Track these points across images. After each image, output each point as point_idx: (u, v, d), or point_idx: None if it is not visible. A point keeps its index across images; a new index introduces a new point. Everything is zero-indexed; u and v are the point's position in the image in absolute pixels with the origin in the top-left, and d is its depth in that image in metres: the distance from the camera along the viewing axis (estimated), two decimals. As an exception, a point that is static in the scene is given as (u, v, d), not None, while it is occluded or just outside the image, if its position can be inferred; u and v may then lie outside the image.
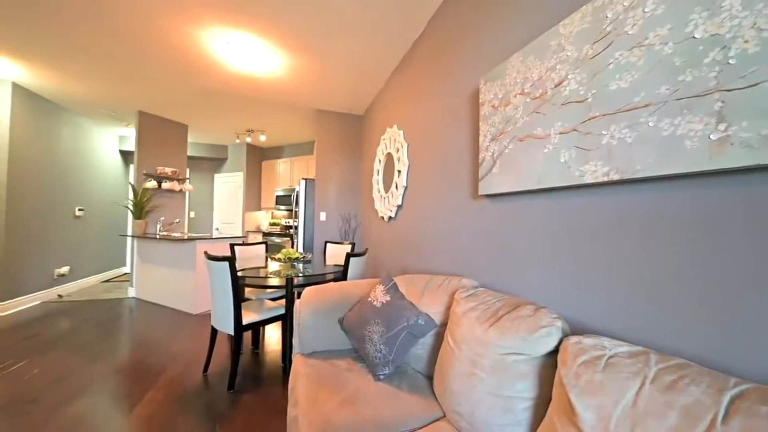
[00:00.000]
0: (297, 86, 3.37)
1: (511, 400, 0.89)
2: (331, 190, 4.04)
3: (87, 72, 3.16)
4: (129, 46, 2.64)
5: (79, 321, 3.21)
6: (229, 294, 1.98)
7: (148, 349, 2.56)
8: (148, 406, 1.78)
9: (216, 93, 3.64)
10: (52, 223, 4.00)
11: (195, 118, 4.62)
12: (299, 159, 5.65)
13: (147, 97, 3.83)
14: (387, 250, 2.95)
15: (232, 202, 6.26)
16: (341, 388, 1.21)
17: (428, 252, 2.12)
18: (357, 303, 1.61)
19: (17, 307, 3.49)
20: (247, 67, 2.95)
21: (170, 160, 4.61)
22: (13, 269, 3.43)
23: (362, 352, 1.41)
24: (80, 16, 2.26)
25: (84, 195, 4.63)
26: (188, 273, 3.53)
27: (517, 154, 1.18)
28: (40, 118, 3.77)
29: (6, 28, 2.41)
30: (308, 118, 4.41)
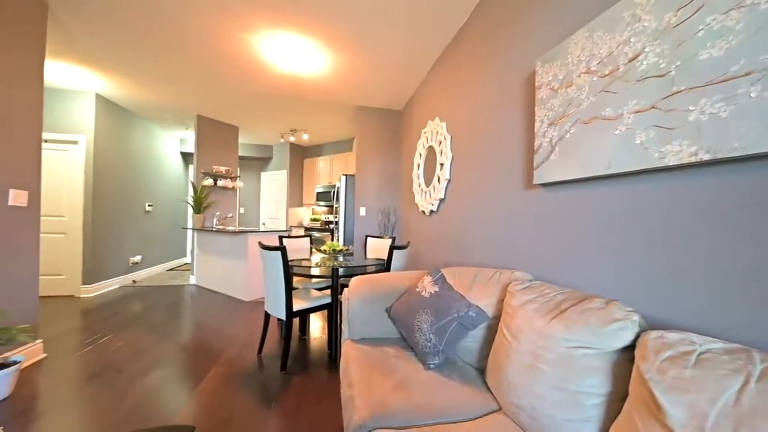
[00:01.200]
0: (339, 84, 3.46)
1: (579, 395, 0.85)
2: (370, 186, 4.11)
3: (155, 80, 3.54)
4: (191, 55, 2.91)
5: (150, 304, 3.62)
6: (281, 281, 2.10)
7: (208, 330, 2.82)
8: (212, 381, 1.96)
9: (264, 95, 3.87)
10: (127, 218, 4.56)
11: (245, 120, 4.96)
12: (339, 156, 5.82)
13: (204, 102, 4.20)
14: (427, 243, 2.93)
15: (276, 198, 6.63)
16: (392, 373, 1.23)
17: (472, 245, 2.08)
18: (404, 293, 1.63)
19: (101, 289, 4.03)
20: (293, 68, 3.10)
21: (224, 160, 5.00)
22: (97, 257, 3.96)
23: (411, 341, 1.43)
24: (151, 31, 2.53)
25: (152, 192, 5.20)
26: (241, 263, 3.82)
27: (580, 139, 1.11)
28: (117, 124, 4.30)
29: (92, 45, 2.78)
30: (348, 116, 4.51)
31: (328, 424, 1.57)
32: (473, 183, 2.08)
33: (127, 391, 1.82)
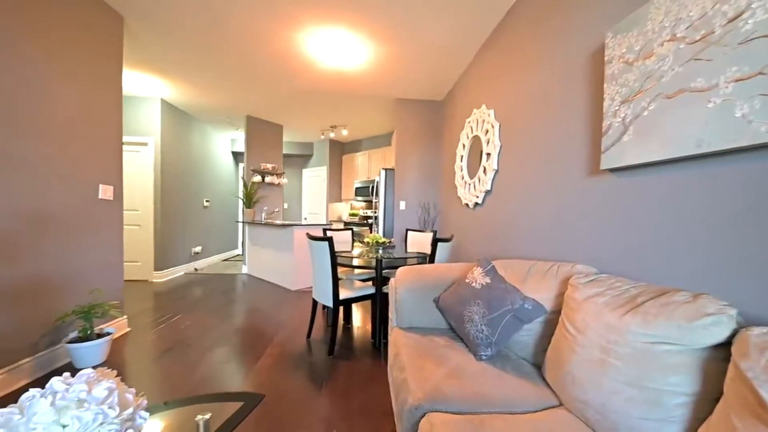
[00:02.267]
0: (380, 77, 3.48)
1: (659, 394, 0.78)
2: (410, 180, 4.10)
3: (211, 84, 3.84)
4: (243, 57, 3.11)
5: (210, 289, 3.99)
6: (328, 271, 2.19)
7: (261, 315, 3.03)
8: (268, 360, 2.12)
9: (307, 92, 4.02)
10: (189, 212, 5.04)
11: (288, 118, 5.20)
12: (377, 151, 5.87)
13: (253, 103, 4.47)
14: (471, 237, 2.85)
15: (317, 194, 6.90)
16: (444, 361, 1.23)
17: (522, 238, 1.98)
18: (452, 284, 1.61)
19: (169, 276, 4.51)
20: (336, 63, 3.17)
21: (270, 157, 5.30)
22: (166, 247, 4.44)
23: (461, 332, 1.41)
24: (210, 37, 2.75)
25: (208, 189, 5.69)
26: (287, 254, 4.04)
27: (662, 115, 1.00)
28: (179, 126, 4.75)
29: (159, 53, 3.08)
30: (387, 109, 4.53)
31: (376, 406, 1.62)
32: (524, 173, 1.98)
33: (197, 364, 2.04)
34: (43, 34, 1.83)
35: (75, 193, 2.07)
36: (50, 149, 1.89)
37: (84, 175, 2.13)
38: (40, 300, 1.84)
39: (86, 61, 2.13)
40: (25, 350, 1.76)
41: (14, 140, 1.69)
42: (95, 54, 2.20)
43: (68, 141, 2.01)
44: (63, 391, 0.54)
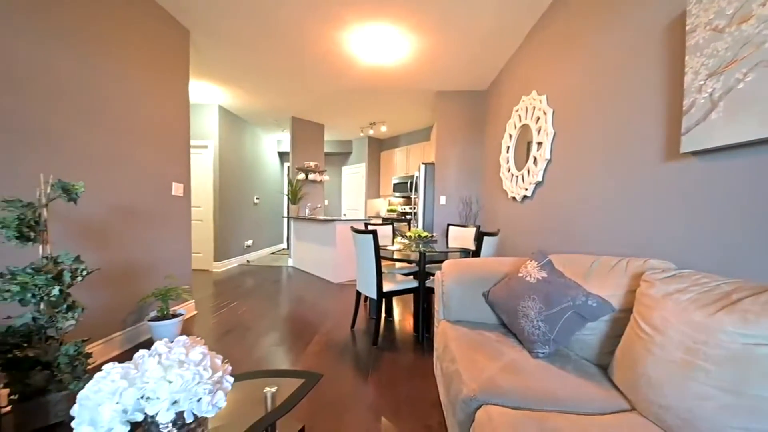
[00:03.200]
0: (420, 70, 3.44)
1: (763, 402, 0.68)
2: (450, 174, 4.01)
3: (261, 88, 4.10)
4: (291, 61, 3.27)
5: (261, 280, 4.28)
6: (372, 263, 2.23)
7: (307, 305, 3.19)
8: (316, 346, 2.22)
9: (348, 91, 4.12)
10: (242, 208, 5.45)
11: (329, 117, 5.37)
12: (415, 146, 5.83)
13: (298, 104, 4.69)
14: (519, 231, 2.72)
15: (356, 190, 7.05)
16: (497, 356, 1.19)
17: (579, 232, 1.84)
18: (503, 278, 1.55)
19: (226, 266, 4.93)
20: (377, 60, 3.20)
21: (312, 156, 5.53)
22: (223, 240, 4.85)
23: (514, 328, 1.35)
24: (260, 43, 2.93)
25: (258, 187, 6.10)
26: (330, 248, 4.19)
27: (762, 87, 0.86)
28: (233, 130, 5.14)
29: (218, 62, 3.36)
30: (427, 103, 4.47)
31: (421, 397, 1.62)
32: (581, 162, 1.83)
33: (254, 345, 2.21)
34: (126, 52, 2.09)
35: (153, 190, 2.35)
36: (135, 151, 2.16)
37: (160, 174, 2.41)
38: (127, 282, 2.12)
39: (160, 73, 2.39)
40: (116, 326, 2.05)
41: (111, 144, 1.97)
42: (167, 66, 2.47)
43: (148, 144, 2.28)
44: (166, 353, 0.62)
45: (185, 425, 0.62)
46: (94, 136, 1.87)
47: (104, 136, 1.93)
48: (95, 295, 1.86)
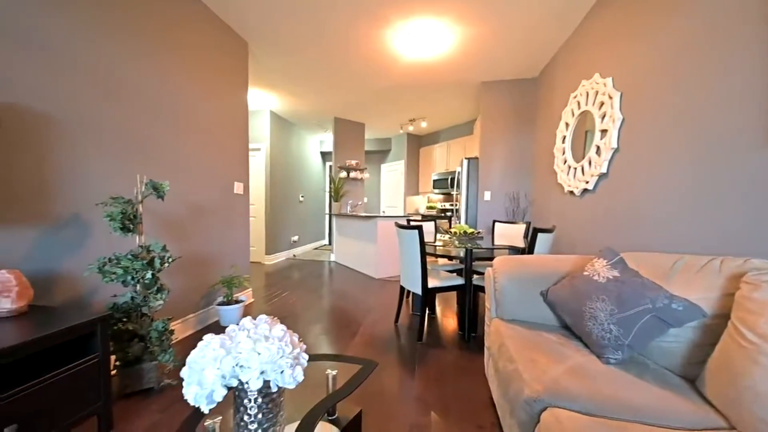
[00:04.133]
0: (464, 61, 3.34)
1: None
2: (496, 168, 3.84)
3: (307, 92, 4.29)
4: (335, 63, 3.37)
5: (306, 273, 4.51)
6: (417, 259, 2.23)
7: (351, 299, 3.29)
8: (362, 338, 2.28)
9: (389, 89, 4.14)
10: (289, 206, 5.78)
11: (370, 116, 5.45)
12: (456, 141, 5.68)
13: (341, 105, 4.83)
14: (577, 228, 2.52)
15: (394, 188, 7.08)
16: (561, 358, 1.12)
17: (653, 228, 1.65)
18: (565, 277, 1.45)
19: (275, 260, 5.27)
20: (419, 55, 3.17)
21: (353, 154, 5.67)
22: (272, 235, 5.19)
23: (578, 329, 1.26)
24: (308, 49, 3.06)
25: (303, 186, 6.42)
26: (371, 245, 4.27)
27: None
28: (282, 132, 5.46)
29: (271, 70, 3.58)
30: (470, 95, 4.33)
31: (471, 396, 1.59)
32: (656, 150, 1.64)
33: (306, 334, 2.33)
34: (196, 67, 2.32)
35: (219, 189, 2.59)
36: (204, 154, 2.40)
37: (224, 174, 2.65)
38: (199, 270, 2.37)
39: (224, 84, 2.63)
40: (191, 308, 2.30)
41: (185, 149, 2.21)
42: (230, 77, 2.70)
43: (214, 147, 2.52)
44: (253, 328, 0.69)
45: (268, 394, 0.68)
46: (172, 142, 2.12)
47: (179, 141, 2.18)
48: (175, 280, 2.10)
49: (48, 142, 1.44)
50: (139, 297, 1.51)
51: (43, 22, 1.41)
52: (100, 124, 1.65)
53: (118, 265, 1.42)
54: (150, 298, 1.52)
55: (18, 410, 1.00)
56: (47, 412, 1.08)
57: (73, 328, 1.16)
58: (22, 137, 1.34)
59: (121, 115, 1.77)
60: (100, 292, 1.63)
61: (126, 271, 1.43)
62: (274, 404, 0.69)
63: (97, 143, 1.64)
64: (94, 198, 1.59)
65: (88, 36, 1.59)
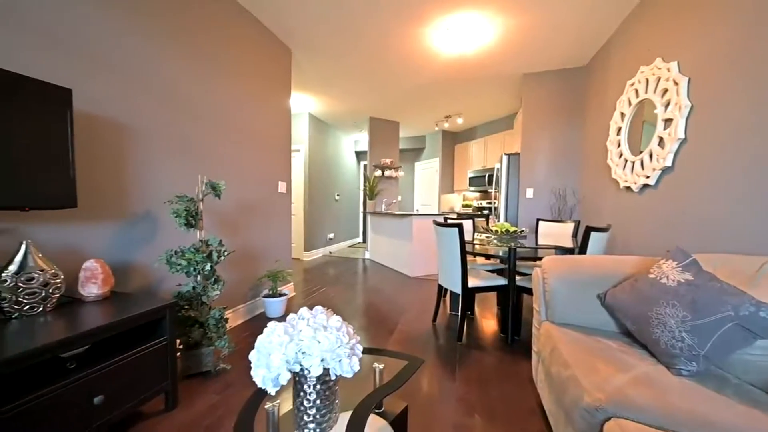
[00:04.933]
0: (505, 53, 3.20)
1: None
2: (540, 163, 3.64)
3: (344, 93, 4.38)
4: (372, 64, 3.41)
5: (342, 270, 4.62)
6: (457, 257, 2.18)
7: (387, 296, 3.31)
8: (400, 335, 2.29)
9: (424, 86, 4.09)
10: (325, 204, 5.96)
11: (404, 115, 5.44)
12: (493, 137, 5.48)
13: (376, 105, 4.88)
14: (634, 227, 2.31)
15: (429, 186, 7.00)
16: (624, 366, 1.03)
17: (730, 227, 1.46)
18: (626, 279, 1.34)
19: (313, 256, 5.47)
20: (458, 50, 3.09)
21: (388, 153, 5.70)
22: (310, 233, 5.39)
23: (643, 337, 1.16)
24: (347, 52, 3.12)
25: (338, 185, 6.59)
26: (407, 243, 4.27)
27: None
28: (319, 134, 5.64)
29: (312, 74, 3.70)
30: (511, 88, 4.14)
31: (517, 401, 1.53)
32: (733, 140, 1.45)
33: (345, 329, 2.40)
34: (243, 75, 2.48)
35: (265, 188, 2.75)
36: (252, 156, 2.56)
37: (269, 174, 2.81)
38: (247, 264, 2.54)
39: (269, 90, 2.78)
40: (240, 299, 2.47)
41: (235, 151, 2.37)
42: (274, 84, 2.85)
43: (260, 149, 2.68)
44: (312, 318, 0.72)
45: (326, 382, 0.71)
46: (225, 145, 2.28)
47: (231, 145, 2.34)
48: (227, 272, 2.27)
49: (125, 148, 1.62)
50: (199, 287, 1.65)
51: (126, 43, 1.59)
52: (166, 131, 1.83)
53: (183, 257, 1.57)
54: (209, 288, 1.65)
55: (102, 384, 1.14)
56: (125, 387, 1.23)
57: (148, 312, 1.30)
58: (105, 145, 1.53)
59: (183, 123, 1.94)
60: (166, 282, 1.81)
61: (189, 263, 1.57)
62: (330, 392, 0.72)
63: (164, 148, 1.82)
64: (162, 197, 1.77)
65: (158, 56, 1.76)
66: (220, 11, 2.20)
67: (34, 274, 1.17)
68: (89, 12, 1.45)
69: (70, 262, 1.38)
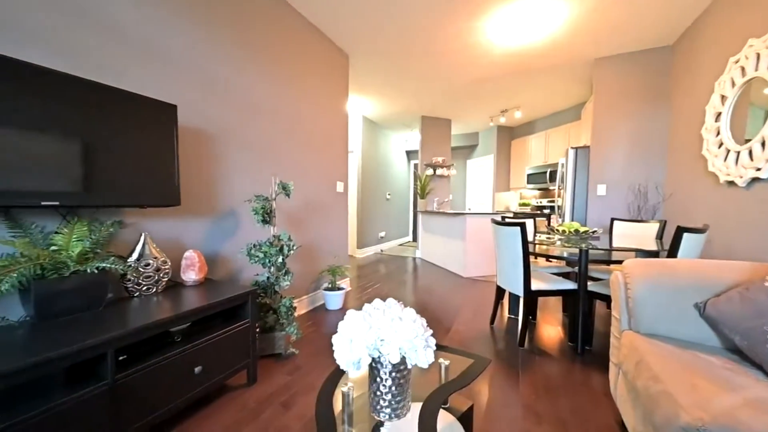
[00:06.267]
0: (573, 39, 2.94)
1: None
2: (615, 156, 3.27)
3: (398, 94, 4.44)
4: (426, 62, 3.39)
5: (395, 267, 4.69)
6: (519, 258, 2.07)
7: (440, 295, 3.28)
8: (457, 335, 2.26)
9: (480, 81, 3.95)
10: (377, 203, 6.11)
11: (457, 111, 5.31)
12: (557, 130, 5.05)
13: (428, 103, 4.85)
14: (738, 228, 1.95)
15: (481, 184, 6.73)
16: (732, 386, 0.89)
17: None
18: (732, 288, 1.15)
19: (365, 254, 5.65)
20: (517, 41, 2.93)
21: (440, 151, 5.63)
22: (363, 231, 5.57)
23: (757, 355, 0.98)
24: (401, 53, 3.16)
25: (389, 184, 6.70)
26: (459, 242, 4.17)
27: None
28: (371, 135, 5.80)
29: (367, 76, 3.83)
30: (578, 76, 3.79)
31: (591, 414, 1.40)
32: None
33: (400, 325, 2.44)
34: (306, 81, 2.67)
35: (325, 187, 2.93)
36: (314, 157, 2.76)
37: (329, 174, 2.99)
38: (310, 258, 2.73)
39: (329, 95, 2.96)
40: (303, 291, 2.67)
41: (300, 153, 2.58)
42: (333, 88, 3.02)
43: (321, 151, 2.86)
44: (387, 308, 0.76)
45: (401, 370, 0.75)
46: (291, 148, 2.49)
47: (296, 147, 2.55)
48: (294, 265, 2.48)
49: (214, 153, 1.87)
50: (272, 277, 1.83)
51: (211, 60, 1.84)
52: (244, 137, 2.07)
53: (260, 250, 1.76)
54: (280, 279, 1.83)
55: (200, 357, 1.33)
56: (217, 361, 1.42)
57: (236, 296, 1.49)
58: (195, 151, 1.79)
59: (257, 129, 2.17)
60: (245, 271, 2.05)
61: (265, 255, 1.76)
62: (405, 380, 0.76)
63: (242, 152, 2.06)
64: (241, 196, 2.01)
65: (239, 70, 2.00)
66: (288, 25, 2.41)
67: (150, 261, 1.42)
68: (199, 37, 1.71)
69: (174, 251, 1.64)
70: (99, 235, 1.20)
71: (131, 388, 1.07)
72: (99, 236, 1.20)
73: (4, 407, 0.84)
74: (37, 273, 1.01)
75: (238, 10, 1.99)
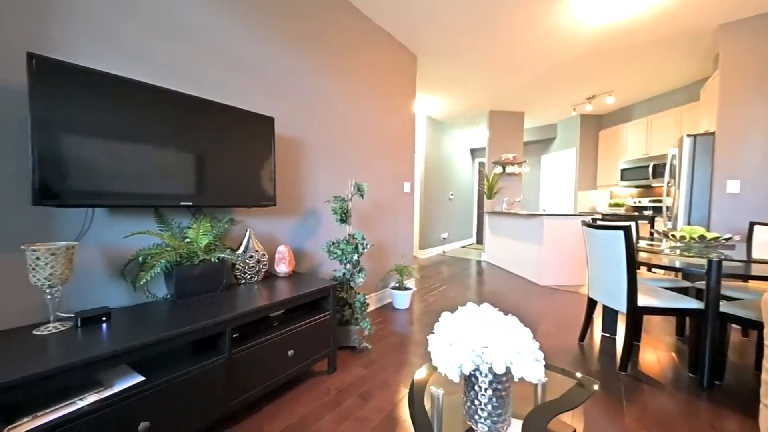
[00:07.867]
0: (688, 4, 2.41)
1: None
2: (751, 145, 2.59)
3: (464, 90, 4.26)
4: (496, 53, 3.17)
5: (459, 270, 4.51)
6: (621, 268, 1.78)
7: (514, 303, 3.02)
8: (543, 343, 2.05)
9: (558, 68, 3.53)
10: (440, 204, 5.97)
11: (531, 103, 4.86)
12: (662, 115, 4.23)
13: (497, 97, 4.54)
14: None
15: (559, 182, 6.04)
16: None
17: None
18: None
19: (428, 254, 5.57)
20: (613, 17, 2.53)
21: (510, 147, 5.23)
22: (425, 232, 5.50)
23: None
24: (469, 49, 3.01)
25: (452, 184, 6.49)
26: (534, 246, 3.80)
27: None
28: (435, 134, 5.69)
29: (433, 74, 3.76)
30: (694, 49, 3.11)
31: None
32: None
33: (472, 331, 2.33)
34: (375, 84, 2.73)
35: (393, 188, 2.97)
36: (382, 158, 2.81)
37: (397, 174, 3.02)
38: (379, 257, 2.80)
39: (396, 96, 2.98)
40: (372, 288, 2.74)
41: (369, 155, 2.66)
42: (401, 89, 3.04)
43: (389, 152, 2.91)
44: (485, 314, 0.72)
45: (502, 383, 0.69)
46: (363, 150, 2.58)
47: (367, 150, 2.63)
48: (365, 263, 2.57)
49: (301, 158, 2.04)
50: (348, 273, 1.92)
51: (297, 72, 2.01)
52: (324, 142, 2.21)
53: (338, 247, 1.86)
54: (355, 275, 1.90)
55: (292, 341, 1.46)
56: (305, 347, 1.53)
57: (321, 289, 1.59)
58: (286, 156, 1.97)
59: (335, 134, 2.30)
60: (324, 266, 2.19)
61: (342, 253, 1.85)
62: (506, 393, 0.70)
63: (322, 156, 2.20)
64: (321, 197, 2.15)
65: (321, 80, 2.15)
66: (359, 32, 2.50)
67: (253, 254, 1.61)
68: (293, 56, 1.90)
69: (269, 245, 1.83)
70: (218, 230, 1.42)
71: (241, 363, 1.23)
72: (218, 231, 1.41)
73: (155, 368, 1.05)
74: (176, 260, 1.24)
75: (318, 24, 2.13)
